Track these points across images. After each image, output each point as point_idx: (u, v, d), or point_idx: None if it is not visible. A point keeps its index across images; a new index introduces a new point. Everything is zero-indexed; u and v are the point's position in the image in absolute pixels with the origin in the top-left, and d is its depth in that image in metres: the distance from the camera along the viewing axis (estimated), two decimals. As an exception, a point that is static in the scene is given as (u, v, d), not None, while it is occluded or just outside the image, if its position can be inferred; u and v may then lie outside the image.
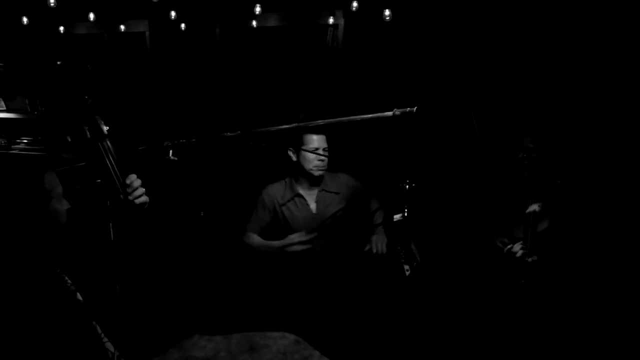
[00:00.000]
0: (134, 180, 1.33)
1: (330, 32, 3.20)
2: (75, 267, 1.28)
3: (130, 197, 1.30)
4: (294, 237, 2.24)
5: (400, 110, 1.27)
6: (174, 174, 3.45)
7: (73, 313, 1.18)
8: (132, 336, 1.32)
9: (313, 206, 2.41)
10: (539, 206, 2.25)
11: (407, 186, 1.30)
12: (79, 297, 1.22)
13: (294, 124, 1.47)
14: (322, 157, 2.31)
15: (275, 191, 2.44)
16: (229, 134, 1.70)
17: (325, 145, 2.34)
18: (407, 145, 1.29)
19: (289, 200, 2.39)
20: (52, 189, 1.22)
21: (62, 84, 1.36)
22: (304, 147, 2.30)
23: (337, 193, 2.43)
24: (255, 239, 2.40)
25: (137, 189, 1.32)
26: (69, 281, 1.22)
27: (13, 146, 4.08)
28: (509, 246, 2.16)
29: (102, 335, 1.22)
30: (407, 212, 1.31)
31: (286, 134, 3.23)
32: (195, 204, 3.36)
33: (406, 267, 1.31)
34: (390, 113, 1.28)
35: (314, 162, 2.32)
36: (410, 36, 3.13)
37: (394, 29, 3.00)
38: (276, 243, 2.30)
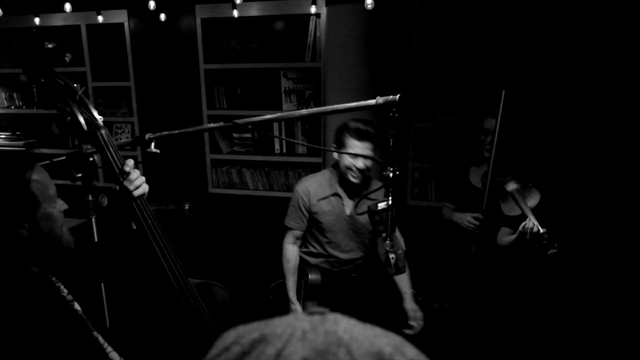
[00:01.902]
0: (132, 169, 1.30)
1: (312, 22, 3.17)
2: (74, 274, 1.22)
3: (131, 187, 1.27)
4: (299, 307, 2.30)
5: (383, 98, 1.27)
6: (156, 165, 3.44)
7: (72, 324, 1.11)
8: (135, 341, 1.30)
9: (348, 209, 2.30)
10: (515, 183, 2.26)
11: (391, 174, 1.30)
12: (77, 307, 1.15)
13: (278, 113, 1.46)
14: (360, 165, 2.14)
15: (312, 186, 2.31)
16: (212, 125, 1.69)
17: (369, 153, 2.12)
18: (390, 133, 1.29)
19: (324, 198, 2.28)
20: (42, 192, 1.11)
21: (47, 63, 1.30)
22: (343, 149, 2.15)
23: (375, 199, 2.26)
24: (290, 258, 2.34)
25: (137, 179, 1.29)
26: (65, 290, 1.14)
27: (-10, 141, 3.99)
28: (522, 224, 2.10)
29: (105, 345, 1.16)
30: (391, 199, 1.31)
31: (270, 123, 3.26)
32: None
33: (392, 256, 1.32)
34: (373, 101, 1.28)
35: (349, 164, 2.16)
36: (394, 25, 3.13)
37: (377, 17, 2.99)
38: (291, 294, 2.31)
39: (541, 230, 2.03)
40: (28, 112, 3.93)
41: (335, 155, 2.29)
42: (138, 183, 1.28)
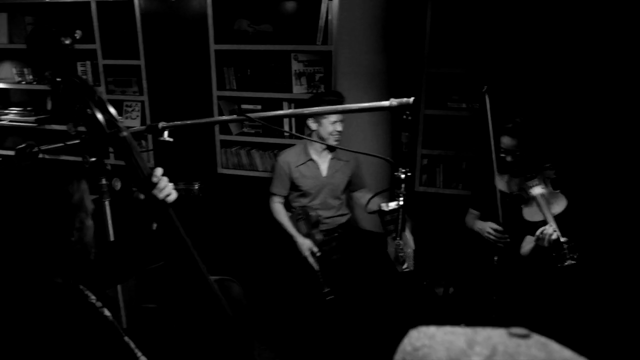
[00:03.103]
0: (161, 176, 1.26)
1: (324, 4, 3.12)
2: (94, 280, 1.22)
3: (161, 195, 1.24)
4: (307, 244, 2.58)
5: (397, 100, 1.28)
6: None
7: (104, 331, 1.12)
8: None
9: (324, 170, 2.70)
10: (542, 188, 2.13)
11: (403, 175, 1.31)
12: (107, 313, 1.16)
13: (290, 110, 1.47)
14: (339, 128, 2.56)
15: (289, 156, 2.72)
16: (224, 117, 1.69)
17: (342, 118, 2.59)
18: (403, 135, 1.30)
19: (302, 164, 2.68)
20: (89, 204, 1.13)
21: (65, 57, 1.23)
22: (325, 117, 2.55)
23: (347, 161, 2.71)
24: (282, 214, 2.75)
25: (166, 187, 1.26)
26: (93, 297, 1.15)
27: (2, 117, 4.02)
28: (540, 229, 1.98)
29: (136, 350, 1.17)
30: (402, 200, 1.33)
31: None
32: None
33: (401, 254, 1.35)
34: (387, 103, 1.29)
35: (332, 131, 2.55)
36: (407, 8, 3.08)
37: (390, 0, 2.94)
38: (292, 231, 2.66)
39: (562, 239, 1.90)
40: (39, 88, 3.94)
41: (313, 126, 2.61)
42: (168, 191, 1.26)
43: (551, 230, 1.93)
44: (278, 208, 2.79)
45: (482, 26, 3.04)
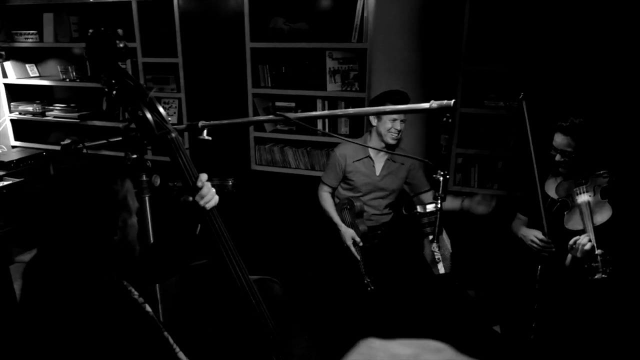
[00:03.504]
0: (205, 182, 1.27)
1: (360, 1, 3.11)
2: (135, 277, 1.26)
3: (202, 202, 1.26)
4: (350, 233, 2.58)
5: (437, 102, 1.27)
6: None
7: (146, 326, 1.15)
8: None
9: (378, 169, 2.69)
10: (590, 195, 2.04)
11: (441, 177, 1.30)
12: (148, 308, 1.19)
13: (326, 112, 1.48)
14: (398, 127, 2.51)
15: (348, 149, 2.71)
16: (261, 117, 1.71)
17: (403, 117, 2.53)
18: (443, 138, 1.29)
19: (359, 159, 2.68)
20: (132, 203, 1.16)
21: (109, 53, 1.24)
22: (382, 117, 2.53)
23: (402, 164, 2.70)
24: (328, 202, 2.76)
25: (208, 194, 1.27)
26: (136, 293, 1.19)
27: (47, 113, 4.19)
28: (574, 238, 1.91)
29: (174, 345, 1.19)
30: (440, 202, 1.32)
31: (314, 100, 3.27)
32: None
33: (437, 257, 1.34)
34: (427, 105, 1.28)
35: (390, 128, 2.51)
36: (445, 5, 3.03)
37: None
38: (337, 219, 2.66)
39: (597, 251, 1.82)
40: (81, 85, 4.09)
41: (374, 122, 2.59)
42: (209, 198, 1.27)
43: (586, 240, 1.86)
44: (325, 196, 2.80)
45: (521, 22, 2.96)
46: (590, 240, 1.85)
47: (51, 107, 4.20)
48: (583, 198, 2.05)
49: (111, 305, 1.09)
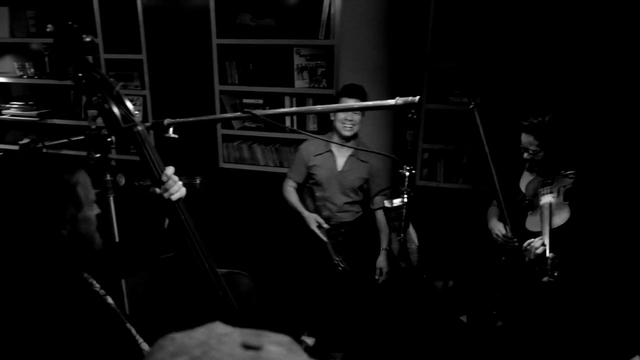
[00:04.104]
0: (170, 175, 1.27)
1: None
2: (99, 272, 1.25)
3: (167, 194, 1.26)
4: (313, 216, 2.66)
5: (402, 99, 1.29)
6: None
7: (107, 317, 1.15)
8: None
9: (340, 165, 2.73)
10: (553, 197, 2.05)
11: (408, 172, 1.33)
12: (110, 300, 1.19)
13: (294, 108, 1.49)
14: (351, 117, 2.56)
15: (311, 145, 2.79)
16: (228, 114, 1.70)
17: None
18: (408, 133, 1.32)
19: (320, 153, 2.74)
20: (85, 195, 1.14)
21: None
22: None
23: (365, 162, 2.72)
24: (292, 194, 2.83)
25: (175, 185, 1.28)
26: (97, 285, 1.19)
27: (4, 111, 4.03)
28: (528, 241, 1.95)
29: (137, 336, 1.19)
30: (406, 197, 1.35)
31: (282, 97, 3.26)
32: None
33: (404, 250, 1.37)
34: (392, 101, 1.30)
35: (343, 120, 2.57)
36: (410, 3, 3.08)
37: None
38: (299, 207, 2.74)
39: (548, 254, 1.83)
40: (40, 82, 3.94)
41: (332, 116, 2.66)
42: (175, 190, 1.28)
43: (539, 244, 1.89)
44: (289, 189, 2.86)
45: (485, 19, 3.04)
46: (543, 244, 1.88)
47: (7, 105, 4.03)
48: (546, 199, 2.07)
49: (68, 296, 1.08)
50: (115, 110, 1.20)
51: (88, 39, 1.21)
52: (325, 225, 2.63)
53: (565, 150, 2.18)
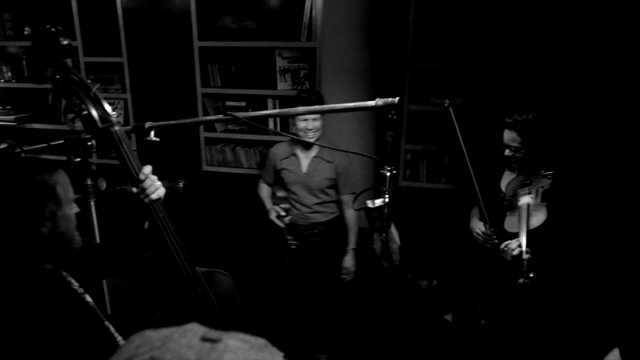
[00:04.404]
0: (148, 174, 1.28)
1: (308, 0, 3.14)
2: (79, 271, 1.25)
3: (144, 194, 1.27)
4: (273, 208, 2.77)
5: (383, 100, 1.31)
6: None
7: (85, 315, 1.15)
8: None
9: (304, 167, 2.76)
10: (531, 197, 2.04)
11: (389, 173, 1.35)
12: (88, 298, 1.20)
13: (277, 110, 1.49)
14: (312, 126, 2.60)
15: (279, 149, 2.86)
16: (210, 117, 1.70)
17: (315, 116, 2.60)
18: (389, 134, 1.33)
19: (286, 157, 2.80)
20: (64, 194, 1.15)
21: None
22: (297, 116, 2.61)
23: (330, 162, 2.73)
24: (263, 190, 2.97)
25: (151, 186, 1.28)
26: (76, 283, 1.20)
27: (-20, 115, 3.94)
28: (505, 242, 1.95)
29: (116, 334, 1.20)
30: (388, 197, 1.37)
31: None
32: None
33: (387, 250, 1.38)
34: (372, 103, 1.31)
35: (303, 128, 2.61)
36: (391, 5, 3.11)
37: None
38: (266, 202, 2.90)
39: (524, 256, 1.83)
40: (18, 86, 3.87)
41: (292, 125, 2.73)
42: (153, 189, 1.28)
43: (515, 245, 1.89)
44: (263, 188, 2.99)
45: (466, 21, 3.08)
46: (519, 246, 1.88)
47: (-16, 111, 3.96)
48: (524, 200, 2.06)
49: (44, 293, 1.08)
50: (93, 111, 1.21)
51: (66, 42, 1.21)
52: (283, 214, 2.71)
53: (546, 149, 2.20)
